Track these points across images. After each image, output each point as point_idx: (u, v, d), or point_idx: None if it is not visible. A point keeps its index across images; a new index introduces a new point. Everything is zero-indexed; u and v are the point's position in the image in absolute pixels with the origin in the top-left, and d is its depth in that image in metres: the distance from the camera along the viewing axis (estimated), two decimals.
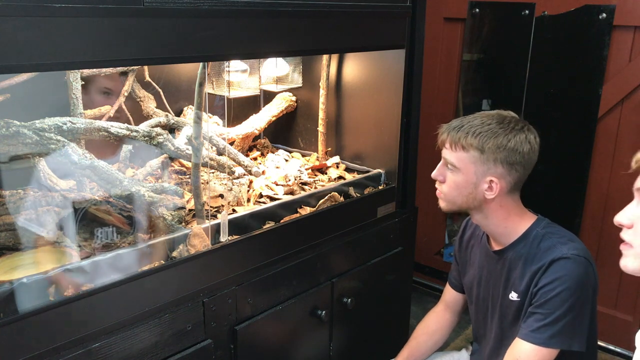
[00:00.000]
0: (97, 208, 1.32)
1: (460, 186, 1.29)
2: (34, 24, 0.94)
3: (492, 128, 1.26)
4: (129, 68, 1.58)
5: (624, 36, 2.10)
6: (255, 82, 1.87)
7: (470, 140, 1.26)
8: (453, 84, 2.63)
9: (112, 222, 1.32)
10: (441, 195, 1.35)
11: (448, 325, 1.59)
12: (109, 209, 1.32)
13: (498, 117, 1.29)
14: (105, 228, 1.29)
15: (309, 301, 1.60)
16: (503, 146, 1.25)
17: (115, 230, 1.30)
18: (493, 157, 1.25)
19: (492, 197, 1.28)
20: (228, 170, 1.61)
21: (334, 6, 1.46)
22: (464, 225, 1.53)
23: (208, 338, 1.35)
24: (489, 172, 1.26)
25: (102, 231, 1.28)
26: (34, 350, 1.05)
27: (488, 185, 1.27)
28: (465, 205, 1.32)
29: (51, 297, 1.10)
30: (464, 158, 1.27)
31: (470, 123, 1.28)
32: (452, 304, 1.58)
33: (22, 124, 1.21)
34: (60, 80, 1.37)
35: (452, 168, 1.30)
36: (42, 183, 1.29)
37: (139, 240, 1.31)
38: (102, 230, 1.28)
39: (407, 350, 1.56)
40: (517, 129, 1.27)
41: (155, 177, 1.60)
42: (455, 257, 1.55)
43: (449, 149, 1.30)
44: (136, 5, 1.06)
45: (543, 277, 1.23)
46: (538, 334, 1.23)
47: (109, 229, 1.29)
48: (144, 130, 1.40)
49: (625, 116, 2.17)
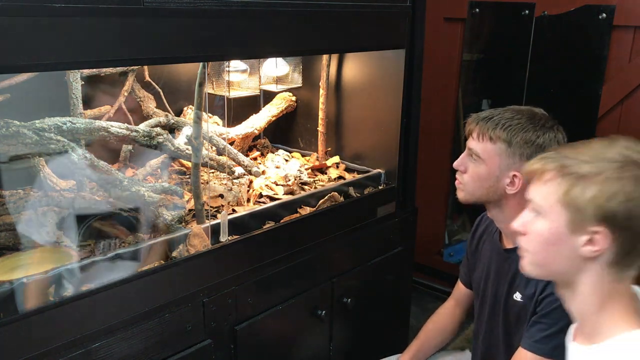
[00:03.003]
0: (102, 224, 1.33)
1: (482, 178, 1.28)
2: (35, 24, 0.94)
3: (522, 123, 1.25)
4: (129, 68, 1.58)
5: (624, 36, 2.10)
6: (255, 82, 1.87)
7: (498, 132, 1.25)
8: (453, 84, 2.63)
9: (116, 235, 1.32)
10: (460, 186, 1.34)
11: (458, 321, 1.58)
12: (114, 224, 1.32)
13: (529, 113, 1.28)
14: (109, 240, 1.30)
15: (309, 301, 1.60)
16: (531, 142, 1.24)
17: (117, 241, 1.30)
18: (519, 152, 1.24)
19: (512, 192, 1.27)
20: (228, 170, 1.61)
21: (334, 6, 1.46)
22: (478, 221, 1.53)
23: (208, 338, 1.35)
24: (513, 167, 1.25)
25: (104, 243, 1.29)
26: (34, 350, 1.05)
27: (510, 179, 1.26)
28: (484, 197, 1.31)
29: (51, 297, 1.10)
30: (490, 149, 1.26)
31: (501, 115, 1.27)
32: (462, 300, 1.58)
33: (22, 124, 1.21)
34: (60, 80, 1.37)
35: (476, 159, 1.29)
36: (43, 183, 1.29)
37: (139, 240, 1.31)
38: (105, 242, 1.29)
39: (416, 346, 1.55)
40: (547, 127, 1.26)
41: (155, 177, 1.60)
42: (467, 252, 1.55)
43: (475, 139, 1.29)
44: (136, 5, 1.06)
45: (549, 285, 1.23)
46: (542, 344, 1.22)
47: (112, 241, 1.30)
48: (144, 130, 1.40)
49: (625, 116, 2.17)
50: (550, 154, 0.93)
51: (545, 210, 0.91)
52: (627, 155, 0.86)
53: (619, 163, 0.86)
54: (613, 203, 0.83)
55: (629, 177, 0.84)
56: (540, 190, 0.92)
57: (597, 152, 0.89)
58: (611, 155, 0.87)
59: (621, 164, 0.86)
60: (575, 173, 0.87)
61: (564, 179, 0.88)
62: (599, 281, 0.89)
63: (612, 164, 0.86)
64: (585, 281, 0.90)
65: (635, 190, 0.84)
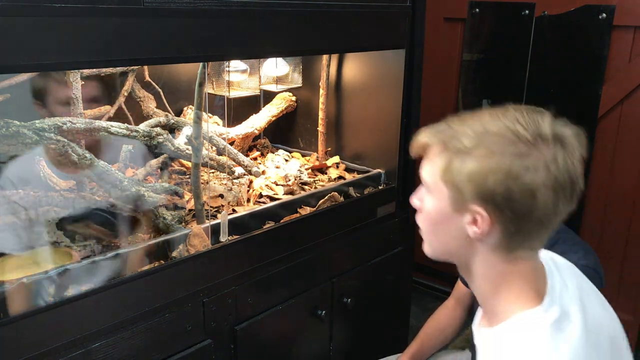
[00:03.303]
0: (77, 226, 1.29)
1: None
2: (34, 24, 0.94)
3: None
4: (129, 68, 1.58)
5: (624, 36, 2.10)
6: (255, 82, 1.87)
7: None
8: (453, 84, 2.63)
9: (93, 236, 1.30)
10: None
11: (459, 320, 1.58)
12: (89, 224, 1.30)
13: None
14: (87, 241, 1.27)
15: (309, 301, 1.60)
16: None
17: (95, 243, 1.28)
18: None
19: None
20: (228, 170, 1.61)
21: (334, 6, 1.46)
22: None
23: (208, 338, 1.35)
24: None
25: (86, 234, 1.26)
26: (34, 350, 1.05)
27: None
28: None
29: (50, 297, 1.10)
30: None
31: None
32: (462, 300, 1.57)
33: (22, 124, 1.21)
34: (60, 80, 1.36)
35: None
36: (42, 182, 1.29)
37: (139, 240, 1.31)
38: (90, 233, 1.27)
39: (416, 346, 1.55)
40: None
41: (155, 177, 1.60)
42: None
43: None
44: (136, 5, 1.06)
45: None
46: None
47: (90, 242, 1.27)
48: (144, 130, 1.40)
49: (625, 116, 2.17)
50: (438, 126, 0.83)
51: (431, 188, 0.84)
52: (512, 129, 0.76)
53: (501, 137, 0.76)
54: (491, 181, 0.75)
55: (510, 153, 0.75)
56: (426, 167, 0.85)
57: (483, 124, 0.78)
58: (496, 128, 0.77)
59: (503, 137, 0.76)
60: (455, 147, 0.78)
61: (445, 154, 0.80)
62: (489, 264, 0.82)
63: (494, 138, 0.76)
64: (478, 264, 0.84)
65: (516, 167, 0.74)
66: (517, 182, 0.74)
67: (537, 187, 0.74)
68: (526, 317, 0.80)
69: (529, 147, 0.75)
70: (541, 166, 0.74)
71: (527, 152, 0.74)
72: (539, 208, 0.75)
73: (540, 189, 0.74)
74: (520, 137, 0.75)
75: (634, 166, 2.19)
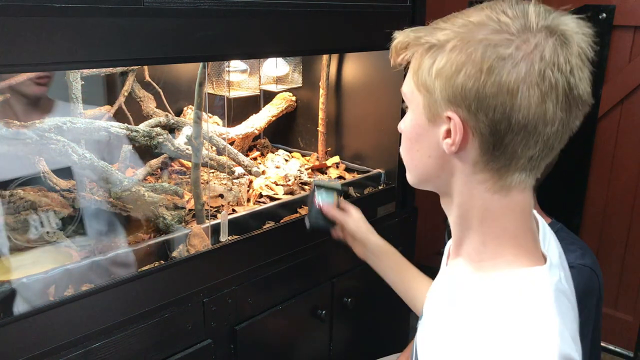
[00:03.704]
0: (27, 189, 1.12)
1: None
2: (34, 24, 0.94)
3: None
4: (129, 68, 1.58)
5: (624, 36, 2.10)
6: (255, 82, 1.87)
7: None
8: None
9: (50, 206, 1.15)
10: None
11: None
12: (42, 190, 1.11)
13: None
14: (42, 214, 1.11)
15: (309, 301, 1.60)
16: None
17: (54, 215, 1.13)
18: None
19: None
20: (228, 170, 1.61)
21: (334, 6, 1.46)
22: None
23: (208, 338, 1.35)
24: None
25: (35, 218, 1.11)
26: (34, 350, 1.05)
27: None
28: None
29: (50, 297, 1.10)
30: None
31: None
32: None
33: (22, 124, 1.21)
34: (61, 80, 1.37)
35: None
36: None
37: (139, 240, 1.31)
38: (37, 217, 1.12)
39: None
40: None
41: (155, 177, 1.60)
42: None
43: None
44: (136, 5, 1.06)
45: None
46: None
47: (45, 215, 1.12)
48: (144, 130, 1.40)
49: (625, 116, 2.17)
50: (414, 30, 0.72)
51: (408, 99, 0.74)
52: (495, 18, 0.64)
53: (480, 26, 0.64)
54: (461, 78, 0.63)
55: (485, 43, 0.62)
56: (406, 78, 0.75)
57: (465, 16, 0.67)
58: (478, 18, 0.65)
59: (483, 27, 0.64)
60: (427, 43, 0.68)
61: (418, 55, 0.70)
62: (472, 190, 0.70)
63: (472, 27, 0.65)
64: (458, 188, 0.72)
65: (491, 59, 0.62)
66: (491, 77, 0.62)
67: (516, 83, 0.62)
68: (531, 274, 0.68)
69: (511, 36, 0.63)
70: (524, 59, 0.62)
71: (506, 42, 0.62)
72: (520, 110, 0.63)
73: (520, 86, 0.62)
74: (503, 27, 0.63)
75: (633, 166, 2.19)
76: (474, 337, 0.65)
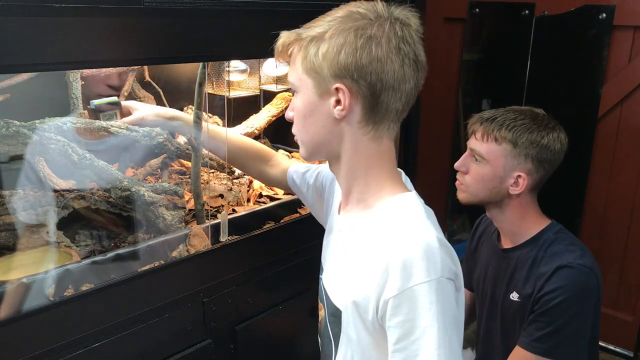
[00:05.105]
0: (84, 207, 1.24)
1: (486, 179, 1.29)
2: (34, 24, 0.94)
3: (526, 123, 1.26)
4: (129, 68, 1.58)
5: (624, 36, 2.10)
6: (255, 82, 1.87)
7: (504, 132, 1.26)
8: (453, 84, 2.63)
9: (103, 224, 1.27)
10: (462, 187, 1.34)
11: None
12: (97, 208, 1.24)
13: (531, 114, 1.30)
14: (94, 231, 1.26)
15: (309, 301, 1.60)
16: (536, 142, 1.25)
17: (105, 234, 1.26)
18: (525, 152, 1.25)
19: (516, 192, 1.27)
20: (228, 170, 1.61)
21: (334, 6, 1.46)
22: (478, 222, 1.53)
23: (208, 338, 1.35)
24: (518, 167, 1.26)
25: (86, 234, 1.24)
26: (34, 350, 1.05)
27: (514, 180, 1.27)
28: (486, 198, 1.31)
29: (51, 297, 1.10)
30: (495, 150, 1.27)
31: (504, 116, 1.28)
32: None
33: (22, 123, 1.21)
34: (61, 80, 1.37)
35: (480, 159, 1.29)
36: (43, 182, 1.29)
37: (139, 240, 1.31)
38: (90, 233, 1.25)
39: None
40: (550, 127, 1.27)
41: (155, 177, 1.60)
42: (467, 253, 1.55)
43: (479, 140, 1.29)
44: (136, 5, 1.06)
45: (547, 283, 1.23)
46: (539, 343, 1.22)
47: (98, 233, 1.26)
48: (144, 130, 1.40)
49: (625, 116, 2.17)
50: (294, 31, 0.92)
51: (298, 86, 0.92)
52: (355, 11, 0.88)
53: (342, 18, 0.87)
54: (342, 56, 0.85)
55: (355, 29, 0.85)
56: (290, 70, 0.93)
57: (331, 13, 0.90)
58: (342, 12, 0.89)
59: (344, 18, 0.87)
60: (309, 37, 0.88)
61: (302, 48, 0.89)
62: (359, 145, 0.91)
63: (337, 19, 0.88)
64: (347, 147, 0.92)
65: (362, 40, 0.85)
66: (364, 51, 0.84)
67: (382, 54, 0.85)
68: (403, 198, 0.91)
69: (370, 23, 0.86)
70: (383, 37, 0.85)
71: (369, 27, 0.85)
72: (388, 73, 0.85)
73: (386, 55, 0.85)
74: (363, 16, 0.86)
75: (633, 166, 2.19)
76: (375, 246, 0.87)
